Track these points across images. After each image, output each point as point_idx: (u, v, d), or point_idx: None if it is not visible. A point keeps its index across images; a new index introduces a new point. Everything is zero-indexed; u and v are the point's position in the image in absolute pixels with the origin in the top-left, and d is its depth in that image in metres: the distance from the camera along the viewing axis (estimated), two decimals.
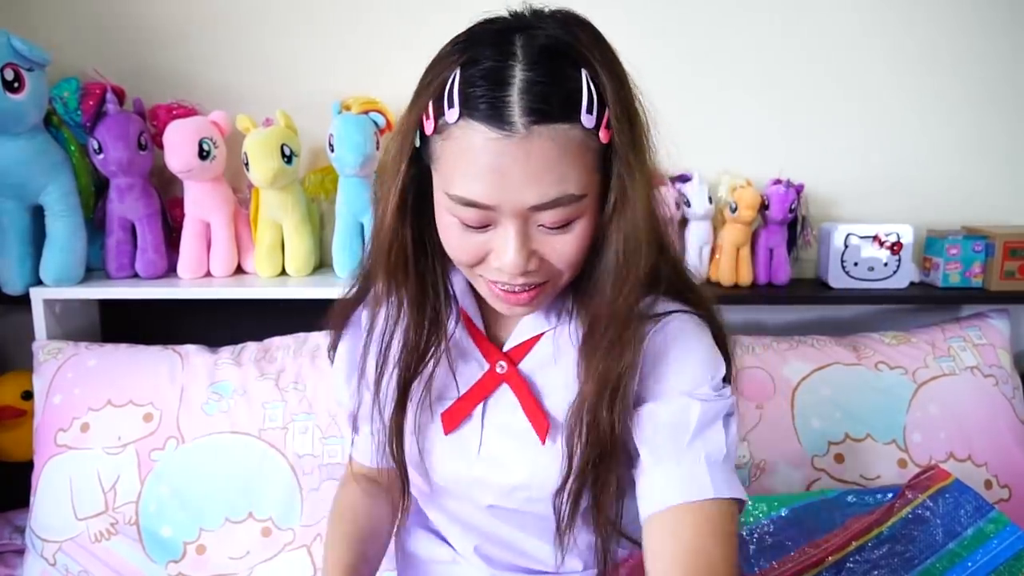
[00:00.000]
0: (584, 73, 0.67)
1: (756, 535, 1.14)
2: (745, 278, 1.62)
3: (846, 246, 1.59)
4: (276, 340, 1.50)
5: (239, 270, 1.59)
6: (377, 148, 1.47)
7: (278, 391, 1.39)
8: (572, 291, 0.80)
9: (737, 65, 1.65)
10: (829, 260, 1.60)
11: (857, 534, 1.05)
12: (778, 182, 1.60)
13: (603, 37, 0.72)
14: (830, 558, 1.02)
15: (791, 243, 1.64)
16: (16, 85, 1.35)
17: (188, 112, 1.52)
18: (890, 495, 1.13)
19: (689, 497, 0.74)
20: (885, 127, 1.68)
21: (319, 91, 1.59)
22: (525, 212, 0.68)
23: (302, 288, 1.48)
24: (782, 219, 1.59)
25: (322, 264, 1.64)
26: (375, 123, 1.48)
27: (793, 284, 1.66)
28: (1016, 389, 1.53)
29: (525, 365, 0.85)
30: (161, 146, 1.48)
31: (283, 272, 1.56)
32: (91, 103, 1.43)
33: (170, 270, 1.55)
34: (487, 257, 0.72)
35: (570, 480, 0.79)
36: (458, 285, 0.84)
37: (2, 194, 1.43)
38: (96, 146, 1.45)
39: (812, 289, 1.64)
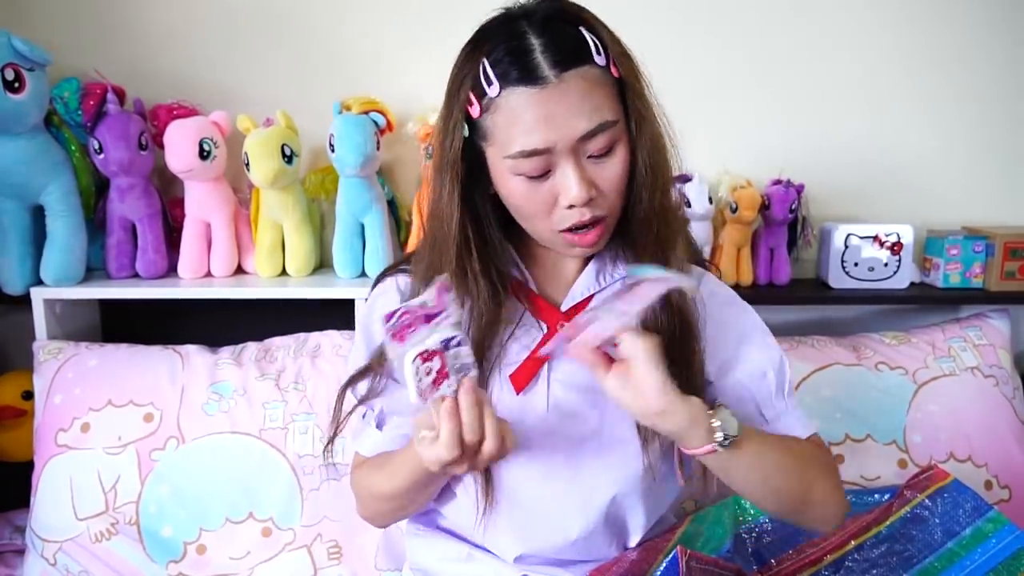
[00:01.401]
0: (581, 28, 0.82)
1: (755, 533, 1.14)
2: (745, 278, 1.62)
3: (846, 246, 1.59)
4: (276, 340, 1.50)
5: (239, 270, 1.59)
6: (377, 148, 1.47)
7: (278, 391, 1.39)
8: (616, 253, 0.93)
9: (737, 65, 1.65)
10: (829, 260, 1.60)
11: (856, 533, 1.05)
12: (778, 182, 1.60)
13: (582, 5, 0.86)
14: (828, 556, 1.02)
15: (791, 243, 1.64)
16: (17, 85, 1.35)
17: (189, 112, 1.52)
18: (888, 495, 1.13)
19: (808, 432, 0.94)
20: (885, 127, 1.68)
21: (319, 91, 1.60)
22: (576, 145, 0.80)
23: (302, 288, 1.48)
24: (782, 219, 1.59)
25: (322, 264, 1.64)
26: (375, 123, 1.48)
27: (793, 284, 1.66)
28: (1016, 389, 1.53)
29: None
30: (162, 146, 1.48)
31: (283, 272, 1.56)
32: (92, 103, 1.44)
33: (170, 270, 1.56)
34: (556, 202, 0.83)
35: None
36: (510, 264, 0.93)
37: (3, 194, 1.43)
38: (97, 146, 1.45)
39: (812, 289, 1.64)
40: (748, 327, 0.96)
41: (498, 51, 0.80)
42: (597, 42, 0.81)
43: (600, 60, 0.81)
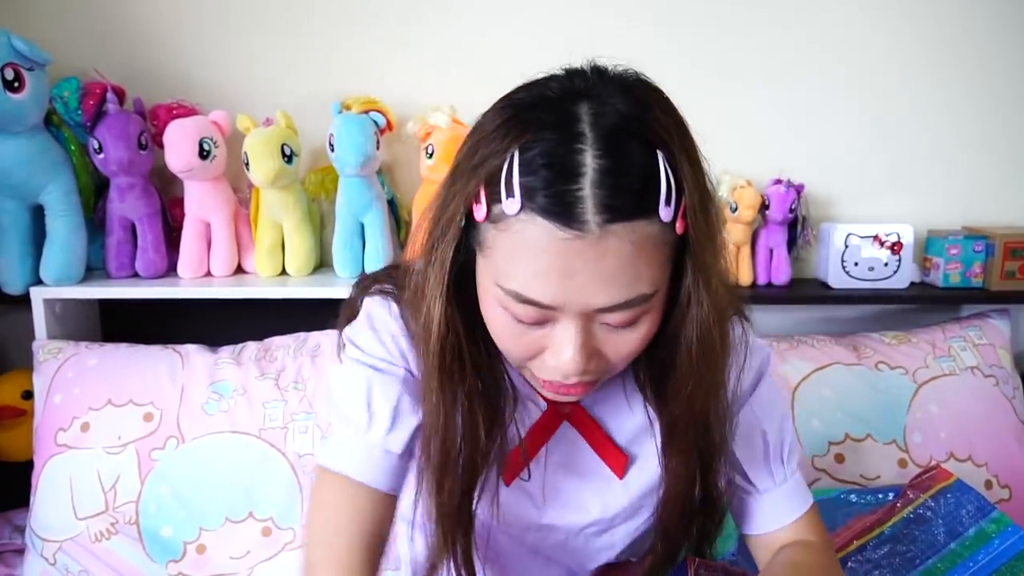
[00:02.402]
0: (661, 157, 0.59)
1: None
2: (745, 278, 1.62)
3: (846, 246, 1.59)
4: (276, 340, 1.50)
5: (239, 270, 1.59)
6: (377, 148, 1.47)
7: (278, 391, 1.39)
8: (644, 382, 0.77)
9: (737, 65, 1.65)
10: (829, 260, 1.60)
11: (858, 533, 1.05)
12: (778, 182, 1.60)
13: (676, 108, 0.65)
14: None
15: (791, 243, 1.65)
16: (16, 85, 1.35)
17: (188, 112, 1.52)
18: (891, 495, 1.13)
19: (799, 512, 0.83)
20: (885, 127, 1.68)
21: (319, 91, 1.59)
22: (591, 313, 0.62)
23: (302, 288, 1.48)
24: (782, 219, 1.59)
25: (322, 264, 1.64)
26: (375, 123, 1.47)
27: (793, 284, 1.66)
28: (1016, 389, 1.53)
29: (588, 401, 0.80)
30: (161, 146, 1.48)
31: (283, 272, 1.56)
32: (91, 103, 1.43)
33: (170, 270, 1.55)
34: (542, 354, 0.66)
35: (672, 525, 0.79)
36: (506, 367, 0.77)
37: (2, 194, 1.43)
38: (96, 146, 1.45)
39: (812, 289, 1.64)
40: (755, 383, 0.84)
41: (537, 153, 0.58)
42: (671, 182, 0.59)
43: (666, 214, 0.59)
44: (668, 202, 0.59)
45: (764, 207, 1.59)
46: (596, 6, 1.56)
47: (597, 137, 0.58)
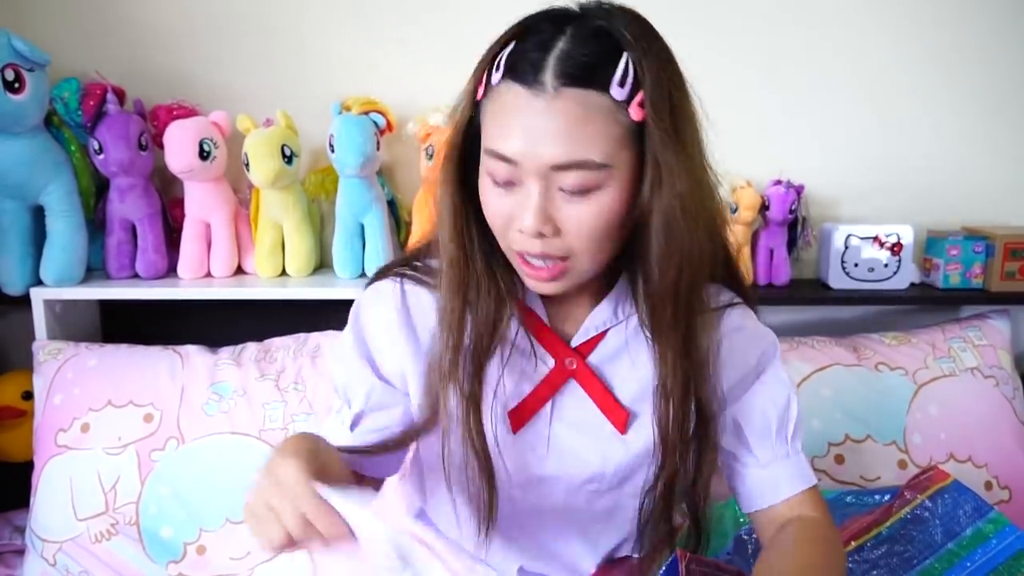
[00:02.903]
0: (626, 55, 0.70)
1: (756, 534, 1.13)
2: (745, 279, 1.61)
3: (846, 247, 1.59)
4: (276, 340, 1.50)
5: (239, 270, 1.59)
6: (377, 148, 1.47)
7: (278, 391, 1.39)
8: (635, 286, 0.82)
9: (737, 65, 1.65)
10: (829, 261, 1.60)
11: (856, 534, 1.05)
12: (778, 182, 1.60)
13: (658, 36, 0.76)
14: None
15: (791, 244, 1.64)
16: (17, 85, 1.35)
17: (189, 112, 1.52)
18: (888, 496, 1.13)
19: (802, 487, 0.87)
20: (885, 127, 1.68)
21: (319, 91, 1.59)
22: (546, 171, 0.70)
23: (302, 288, 1.48)
24: (782, 220, 1.59)
25: (322, 264, 1.64)
26: (375, 124, 1.48)
27: (793, 285, 1.66)
28: (1016, 390, 1.53)
29: (594, 359, 0.86)
30: (161, 146, 1.48)
31: (283, 272, 1.56)
32: (92, 103, 1.44)
33: (170, 270, 1.56)
34: (512, 223, 0.74)
35: (665, 462, 0.83)
36: (518, 283, 0.83)
37: (2, 194, 1.43)
38: (97, 146, 1.45)
39: (812, 290, 1.64)
40: (762, 364, 0.89)
41: (525, 42, 0.72)
42: (629, 74, 0.70)
43: (618, 94, 0.69)
44: (622, 84, 0.69)
45: (764, 208, 1.59)
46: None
47: (575, 33, 0.71)
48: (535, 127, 0.69)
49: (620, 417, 0.85)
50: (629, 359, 0.86)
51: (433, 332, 0.83)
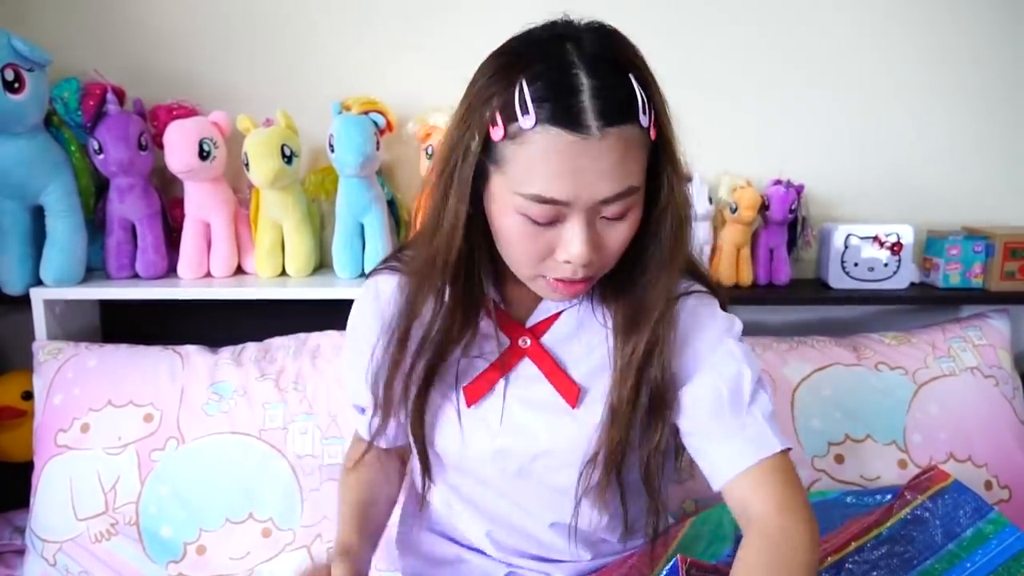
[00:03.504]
0: (632, 77, 0.74)
1: None
2: (745, 278, 1.62)
3: (846, 246, 1.59)
4: (276, 340, 1.50)
5: (239, 270, 1.59)
6: (377, 148, 1.47)
7: (278, 391, 1.39)
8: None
9: (737, 65, 1.65)
10: (829, 260, 1.60)
11: (856, 535, 1.05)
12: (778, 182, 1.60)
13: (631, 42, 0.79)
14: (829, 558, 1.02)
15: (791, 243, 1.64)
16: (17, 85, 1.35)
17: (188, 112, 1.52)
18: (889, 496, 1.13)
19: (762, 455, 0.85)
20: (885, 127, 1.68)
21: (319, 91, 1.59)
22: (595, 206, 0.75)
23: (302, 288, 1.48)
24: (782, 219, 1.59)
25: (322, 264, 1.64)
26: (375, 123, 1.47)
27: (793, 284, 1.66)
28: (1016, 390, 1.52)
29: (547, 339, 0.93)
30: (161, 146, 1.48)
31: (283, 272, 1.56)
32: (91, 103, 1.43)
33: (170, 270, 1.56)
34: (552, 254, 0.79)
35: (611, 432, 0.86)
36: (488, 282, 0.91)
37: (2, 194, 1.43)
38: (96, 146, 1.45)
39: (812, 289, 1.64)
40: (713, 344, 0.90)
41: (541, 79, 0.73)
42: (645, 99, 0.75)
43: (644, 120, 0.75)
44: (644, 111, 0.75)
45: (764, 207, 1.59)
46: (596, 8, 1.56)
47: (584, 63, 0.73)
48: (586, 169, 0.73)
49: (572, 391, 0.90)
50: (581, 340, 0.92)
51: (395, 310, 0.91)
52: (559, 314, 0.92)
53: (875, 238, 1.58)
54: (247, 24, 1.61)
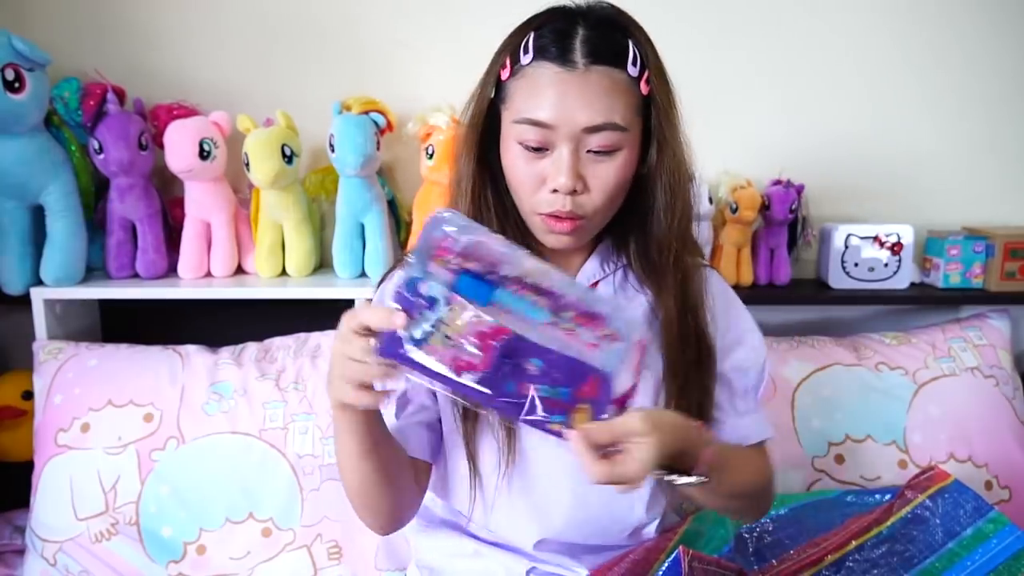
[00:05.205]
0: (630, 40, 0.85)
1: (756, 533, 1.14)
2: (746, 278, 1.62)
3: (846, 246, 1.59)
4: (276, 340, 1.50)
5: (239, 270, 1.59)
6: (377, 148, 1.47)
7: (278, 391, 1.39)
8: (622, 243, 0.96)
9: (738, 65, 1.65)
10: (829, 260, 1.60)
11: (856, 533, 1.05)
12: (778, 182, 1.60)
13: (637, 20, 0.90)
14: (829, 557, 1.02)
15: (791, 243, 1.64)
16: (17, 85, 1.35)
17: (189, 112, 1.52)
18: (889, 496, 1.13)
19: (764, 436, 0.98)
20: (885, 127, 1.68)
21: (319, 91, 1.60)
22: (578, 134, 0.83)
23: (302, 288, 1.48)
24: (782, 219, 1.59)
25: (322, 264, 1.64)
26: (375, 123, 1.48)
27: (793, 284, 1.66)
28: (1016, 390, 1.53)
29: None
30: (162, 146, 1.48)
31: (283, 272, 1.56)
32: (92, 103, 1.44)
33: (170, 270, 1.56)
34: (544, 182, 0.86)
35: (671, 386, 0.92)
36: (525, 235, 0.94)
37: (2, 194, 1.43)
38: (97, 146, 1.45)
39: (812, 289, 1.64)
40: (744, 328, 1.01)
41: (545, 29, 0.85)
42: (637, 55, 0.85)
43: (632, 71, 0.84)
44: (635, 64, 0.84)
45: (764, 207, 1.59)
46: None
47: (585, 21, 0.85)
48: (569, 95, 0.82)
49: None
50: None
51: None
52: (596, 284, 0.97)
53: (875, 238, 1.58)
54: (247, 24, 1.61)
